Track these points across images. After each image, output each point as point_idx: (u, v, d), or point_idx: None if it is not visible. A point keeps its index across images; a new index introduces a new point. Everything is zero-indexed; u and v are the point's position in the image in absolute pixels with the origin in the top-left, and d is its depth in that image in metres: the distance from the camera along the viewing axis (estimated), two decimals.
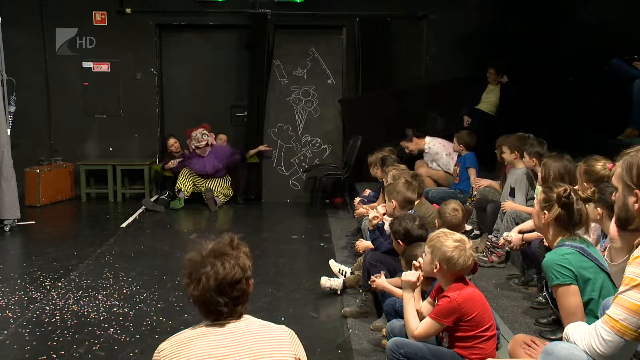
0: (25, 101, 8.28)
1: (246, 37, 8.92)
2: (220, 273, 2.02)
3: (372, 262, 4.23)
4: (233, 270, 2.03)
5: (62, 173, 8.81)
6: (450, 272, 2.93)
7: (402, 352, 2.95)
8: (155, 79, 9.07)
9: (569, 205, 2.97)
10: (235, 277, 2.04)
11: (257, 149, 8.80)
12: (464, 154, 6.56)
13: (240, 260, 2.07)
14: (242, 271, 2.06)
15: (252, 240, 6.68)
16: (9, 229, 6.91)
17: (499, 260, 5.17)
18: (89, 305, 4.64)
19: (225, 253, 2.07)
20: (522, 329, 3.72)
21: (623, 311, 2.04)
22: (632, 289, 2.02)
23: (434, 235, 3.04)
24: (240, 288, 2.06)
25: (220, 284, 2.02)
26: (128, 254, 6.08)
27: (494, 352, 2.98)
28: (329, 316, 4.45)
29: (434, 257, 2.94)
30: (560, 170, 4.30)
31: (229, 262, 2.04)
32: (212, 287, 2.01)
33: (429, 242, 3.03)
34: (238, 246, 2.12)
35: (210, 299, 2.02)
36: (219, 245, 2.09)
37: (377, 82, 8.75)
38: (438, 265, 2.93)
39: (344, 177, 8.35)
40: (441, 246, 2.93)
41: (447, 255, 2.90)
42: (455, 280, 2.94)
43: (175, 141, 8.67)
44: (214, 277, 2.01)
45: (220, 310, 2.04)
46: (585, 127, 6.54)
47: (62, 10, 8.80)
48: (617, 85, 6.13)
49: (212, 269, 2.02)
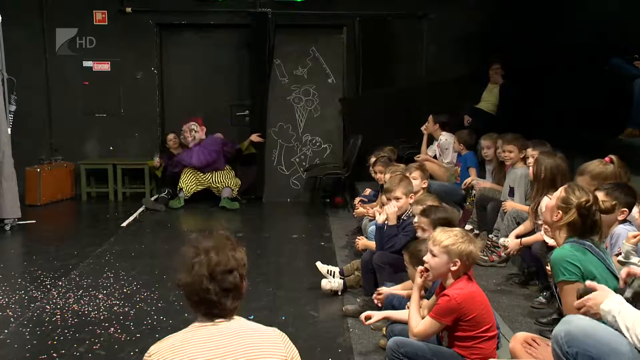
0: (26, 100, 8.27)
1: (247, 37, 8.92)
2: (214, 260, 2.02)
3: (380, 264, 4.17)
4: (226, 259, 2.03)
5: (63, 172, 8.81)
6: (466, 265, 2.96)
7: (403, 352, 2.95)
8: (155, 78, 9.07)
9: (586, 215, 2.90)
10: (229, 266, 2.03)
11: (248, 139, 8.75)
12: (464, 154, 6.56)
13: (236, 253, 2.07)
14: (237, 263, 2.05)
15: (253, 240, 6.69)
16: (9, 228, 6.91)
17: (500, 260, 5.18)
18: (90, 304, 4.64)
19: (222, 244, 2.07)
20: (522, 328, 3.72)
21: None
22: None
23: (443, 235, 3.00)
24: (232, 280, 2.03)
25: (213, 270, 2.01)
26: (128, 253, 6.08)
27: (494, 352, 2.99)
28: (330, 315, 4.45)
29: (452, 257, 2.94)
30: (552, 168, 4.29)
31: (224, 252, 2.04)
32: (205, 273, 2.00)
33: (441, 244, 2.97)
34: (235, 242, 2.12)
35: (201, 285, 2.00)
36: (216, 238, 2.10)
37: (378, 81, 8.76)
38: (459, 262, 2.93)
39: (344, 177, 8.36)
40: (457, 244, 2.94)
41: (468, 250, 2.93)
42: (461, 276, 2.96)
43: (174, 137, 8.67)
44: (207, 263, 2.01)
45: (210, 299, 2.01)
46: (586, 127, 6.54)
47: (63, 9, 8.79)
48: (618, 84, 6.13)
49: (205, 257, 2.02)
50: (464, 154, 6.55)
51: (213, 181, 8.49)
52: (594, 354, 2.08)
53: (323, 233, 6.93)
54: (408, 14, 8.86)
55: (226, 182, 8.47)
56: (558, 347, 2.16)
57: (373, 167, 6.23)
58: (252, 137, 8.76)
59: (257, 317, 4.22)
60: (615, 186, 3.51)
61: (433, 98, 8.16)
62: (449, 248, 2.95)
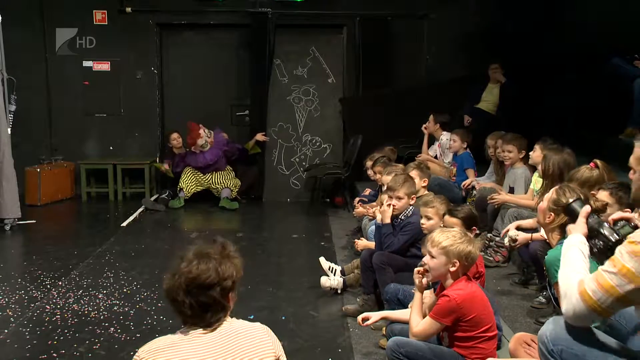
0: (26, 100, 8.28)
1: (247, 37, 8.91)
2: (193, 272, 1.95)
3: (380, 264, 4.16)
4: (207, 274, 1.95)
5: (63, 172, 8.81)
6: (465, 266, 2.96)
7: (403, 352, 2.95)
8: (155, 78, 9.07)
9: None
10: (207, 281, 1.95)
11: (254, 139, 8.74)
12: (460, 154, 6.56)
13: (222, 266, 1.98)
14: (218, 278, 1.97)
15: (253, 240, 6.70)
16: (9, 228, 6.91)
17: (504, 260, 5.19)
18: (90, 304, 4.64)
19: (208, 255, 2.00)
20: (522, 328, 3.71)
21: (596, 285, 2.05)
22: (613, 273, 2.02)
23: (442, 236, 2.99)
24: (210, 295, 1.96)
25: (190, 283, 1.95)
26: (128, 253, 6.08)
27: (495, 352, 2.99)
28: (330, 315, 4.45)
29: (451, 257, 2.93)
30: (560, 164, 4.30)
31: (206, 265, 1.96)
32: (181, 285, 1.95)
33: (440, 244, 2.97)
34: (228, 254, 2.04)
35: (176, 297, 1.96)
36: (206, 247, 2.03)
37: (378, 81, 8.75)
38: (458, 263, 2.93)
39: (344, 177, 8.36)
40: (455, 244, 2.94)
41: (466, 250, 2.93)
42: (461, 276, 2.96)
43: (178, 136, 8.59)
44: (186, 275, 1.95)
45: (183, 312, 1.97)
46: (586, 127, 6.54)
47: (63, 9, 8.79)
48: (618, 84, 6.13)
49: (187, 266, 1.96)
50: (460, 154, 6.55)
51: (213, 182, 8.48)
52: (577, 350, 2.11)
53: (323, 233, 6.93)
54: (408, 14, 8.86)
55: (226, 182, 8.47)
56: (544, 346, 2.19)
57: (372, 167, 6.23)
58: (258, 137, 8.75)
59: (257, 317, 4.24)
60: (619, 186, 3.52)
61: (433, 98, 8.15)
62: (447, 249, 2.94)
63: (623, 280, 1.98)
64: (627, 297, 2.00)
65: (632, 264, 1.97)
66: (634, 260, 1.96)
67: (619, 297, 2.00)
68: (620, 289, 1.98)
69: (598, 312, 2.06)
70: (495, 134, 6.08)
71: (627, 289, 1.98)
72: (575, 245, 2.32)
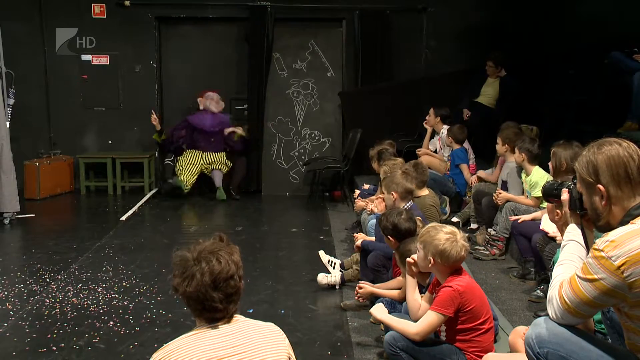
0: (25, 94, 8.26)
1: (245, 30, 8.89)
2: (216, 268, 2.02)
3: (376, 267, 4.20)
4: (228, 266, 2.04)
5: (62, 166, 8.80)
6: (445, 265, 2.94)
7: (400, 345, 2.96)
8: (154, 71, 9.06)
9: None
10: (230, 272, 2.04)
11: (230, 129, 8.59)
12: (455, 149, 6.56)
13: (233, 256, 2.08)
14: (236, 267, 2.07)
15: (252, 233, 6.70)
16: (8, 221, 6.91)
17: (500, 253, 5.20)
18: (89, 298, 4.65)
19: (219, 249, 2.07)
20: (521, 321, 3.73)
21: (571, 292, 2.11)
22: (584, 279, 2.08)
23: (424, 230, 3.06)
24: (234, 284, 2.05)
25: (216, 279, 2.01)
26: (127, 247, 6.08)
27: (492, 345, 2.99)
28: (329, 309, 4.46)
29: (427, 252, 2.96)
30: (571, 158, 4.25)
31: (224, 258, 2.05)
32: (208, 282, 2.01)
33: (420, 238, 3.04)
34: (229, 243, 2.14)
35: (206, 294, 2.01)
36: (212, 243, 2.10)
37: (377, 75, 8.74)
38: (432, 260, 2.94)
39: (343, 170, 8.35)
40: (432, 240, 2.95)
41: (440, 248, 2.92)
42: (452, 273, 2.95)
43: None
44: (209, 272, 2.01)
45: (215, 307, 2.03)
46: (585, 121, 6.53)
47: (61, 2, 8.76)
48: (617, 78, 6.12)
49: (207, 265, 2.02)
50: (454, 150, 6.55)
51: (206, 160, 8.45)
52: (562, 352, 2.14)
53: (322, 227, 6.93)
54: (407, 7, 8.84)
55: (219, 161, 8.46)
56: (530, 349, 2.23)
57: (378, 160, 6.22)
58: (237, 130, 8.59)
59: (256, 311, 4.25)
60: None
61: (432, 92, 8.14)
62: (424, 244, 2.99)
63: (590, 287, 2.06)
64: (595, 303, 2.08)
65: (596, 270, 2.04)
66: (598, 267, 2.04)
67: (588, 302, 2.08)
68: (588, 295, 2.07)
69: (572, 315, 2.13)
70: None
71: (594, 295, 2.06)
72: (568, 239, 2.34)
